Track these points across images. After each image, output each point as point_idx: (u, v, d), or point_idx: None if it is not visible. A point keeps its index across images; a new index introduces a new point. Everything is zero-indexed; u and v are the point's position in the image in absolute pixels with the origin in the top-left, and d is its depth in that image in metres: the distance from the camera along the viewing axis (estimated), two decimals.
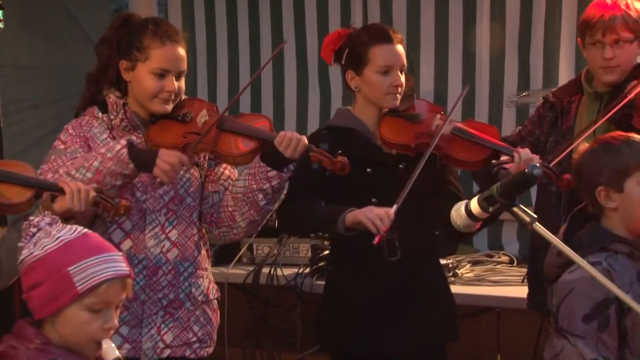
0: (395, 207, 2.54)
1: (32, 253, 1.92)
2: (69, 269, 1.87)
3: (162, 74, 2.61)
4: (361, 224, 2.54)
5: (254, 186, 2.61)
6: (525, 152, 2.67)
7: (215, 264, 3.95)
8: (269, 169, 2.58)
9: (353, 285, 2.79)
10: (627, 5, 2.83)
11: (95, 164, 2.49)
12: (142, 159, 2.50)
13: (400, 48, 2.80)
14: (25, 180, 2.41)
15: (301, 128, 4.79)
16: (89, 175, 2.48)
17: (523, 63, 4.36)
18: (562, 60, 4.25)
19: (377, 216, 2.51)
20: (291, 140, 2.56)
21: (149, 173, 2.52)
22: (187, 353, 2.67)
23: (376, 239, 2.49)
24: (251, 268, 4.01)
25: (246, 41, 5.00)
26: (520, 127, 3.14)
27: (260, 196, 2.61)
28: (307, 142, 2.59)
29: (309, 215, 2.72)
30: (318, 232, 2.66)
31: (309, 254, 3.92)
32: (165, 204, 2.66)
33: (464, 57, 4.47)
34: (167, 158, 2.49)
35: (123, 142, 2.52)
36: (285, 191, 2.80)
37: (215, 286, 2.81)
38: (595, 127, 2.73)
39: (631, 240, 2.28)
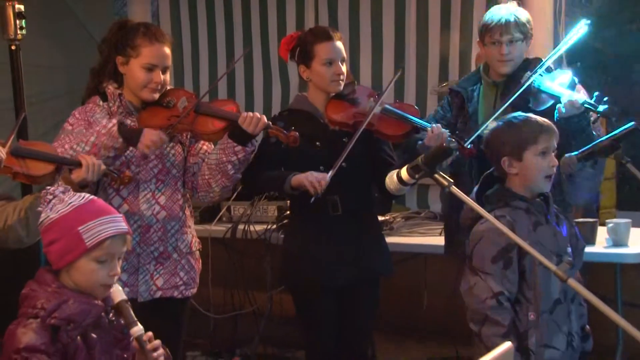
0: (330, 172, 2.56)
1: (49, 216, 1.89)
2: (79, 228, 1.85)
3: (150, 68, 2.54)
4: (303, 186, 2.56)
5: (224, 159, 2.57)
6: (437, 127, 2.69)
7: (200, 222, 3.93)
8: (235, 144, 2.54)
9: (307, 234, 2.78)
10: (517, 12, 2.85)
11: (92, 139, 2.44)
12: (130, 136, 2.45)
13: (339, 44, 2.75)
14: (48, 157, 2.36)
15: (266, 112, 4.76)
16: (87, 148, 2.43)
17: (443, 59, 4.37)
18: (473, 57, 4.25)
19: (316, 180, 2.54)
20: (252, 118, 2.52)
21: (135, 147, 2.47)
22: (175, 294, 2.64)
23: (312, 199, 2.54)
24: (229, 225, 3.98)
25: (222, 42, 4.97)
26: (433, 112, 3.11)
27: (229, 166, 2.57)
28: (266, 120, 2.55)
29: (264, 179, 2.71)
30: (272, 191, 2.66)
31: (276, 214, 3.89)
32: (155, 175, 2.61)
33: (395, 54, 4.44)
34: (149, 137, 2.44)
35: (114, 121, 2.47)
36: None
37: (198, 240, 2.77)
38: (502, 109, 2.72)
39: (528, 198, 2.29)
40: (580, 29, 2.82)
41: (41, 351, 1.77)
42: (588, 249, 3.01)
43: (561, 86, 2.75)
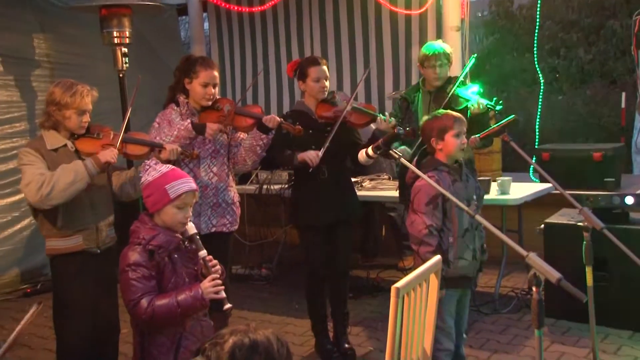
0: (321, 150, 2.60)
1: (146, 179, 1.89)
2: (166, 186, 1.85)
3: (205, 85, 2.54)
4: (304, 161, 2.60)
5: (254, 143, 2.58)
6: (388, 118, 2.69)
7: (238, 183, 3.89)
8: (261, 133, 2.55)
9: (305, 190, 2.77)
10: (445, 47, 2.86)
11: (175, 132, 2.48)
12: (199, 129, 2.49)
13: (324, 67, 2.72)
14: (145, 142, 2.37)
15: (280, 112, 4.76)
16: (171, 138, 2.47)
17: (395, 74, 4.36)
18: (413, 74, 4.24)
19: (312, 156, 2.60)
20: (271, 118, 2.54)
21: (203, 135, 2.50)
22: (224, 229, 2.64)
23: (310, 169, 2.59)
24: (257, 185, 3.98)
25: (250, 67, 4.94)
26: (389, 113, 3.11)
27: (258, 148, 2.58)
28: (279, 119, 2.56)
29: (280, 158, 2.73)
30: (285, 165, 2.67)
31: (287, 178, 3.88)
32: (210, 153, 2.61)
33: (364, 71, 4.42)
34: (211, 127, 2.50)
35: (189, 120, 2.51)
36: None
37: (238, 195, 2.75)
38: (438, 110, 2.70)
39: (449, 165, 2.29)
40: (471, 60, 2.89)
41: (143, 266, 1.80)
42: (485, 196, 3.06)
43: (472, 93, 2.76)
